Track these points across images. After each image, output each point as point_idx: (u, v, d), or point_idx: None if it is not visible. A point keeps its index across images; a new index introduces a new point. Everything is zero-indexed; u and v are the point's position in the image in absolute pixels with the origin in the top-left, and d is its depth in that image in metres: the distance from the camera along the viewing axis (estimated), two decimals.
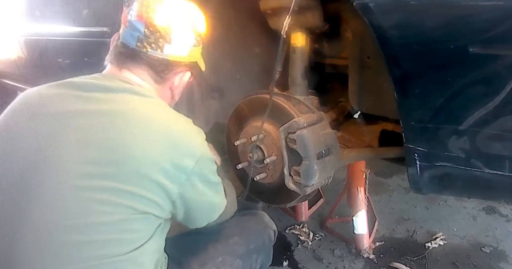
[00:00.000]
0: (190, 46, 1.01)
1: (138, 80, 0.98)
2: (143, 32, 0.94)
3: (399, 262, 1.75)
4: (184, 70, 1.04)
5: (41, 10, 2.13)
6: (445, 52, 0.87)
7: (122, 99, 0.90)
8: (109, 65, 1.01)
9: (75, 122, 0.85)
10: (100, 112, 0.86)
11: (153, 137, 0.86)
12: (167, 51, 0.97)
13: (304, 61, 1.33)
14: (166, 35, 0.95)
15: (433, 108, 0.94)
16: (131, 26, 0.95)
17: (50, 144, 0.84)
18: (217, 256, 1.08)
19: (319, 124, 1.19)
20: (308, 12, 1.24)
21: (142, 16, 0.94)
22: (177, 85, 1.06)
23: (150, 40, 0.94)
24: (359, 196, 1.79)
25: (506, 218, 2.11)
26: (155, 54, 0.96)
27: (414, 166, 1.04)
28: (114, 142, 0.83)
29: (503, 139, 0.89)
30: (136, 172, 0.82)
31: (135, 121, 0.86)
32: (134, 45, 0.95)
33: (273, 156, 1.26)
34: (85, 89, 0.90)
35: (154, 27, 0.94)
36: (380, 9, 0.89)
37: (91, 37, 1.72)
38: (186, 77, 1.06)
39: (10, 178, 0.83)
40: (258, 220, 1.27)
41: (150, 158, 0.84)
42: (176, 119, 0.94)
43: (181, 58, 1.00)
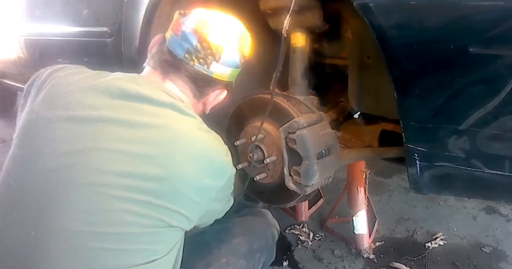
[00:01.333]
0: (233, 67, 1.02)
1: (180, 93, 0.98)
2: (195, 46, 0.94)
3: (399, 262, 1.75)
4: (221, 88, 1.06)
5: (41, 10, 2.13)
6: (445, 52, 0.87)
7: (167, 115, 0.89)
8: (149, 68, 1.00)
9: (120, 131, 0.84)
10: (148, 125, 0.85)
11: (194, 157, 0.87)
12: (213, 69, 0.97)
13: (304, 61, 1.33)
14: (216, 54, 0.96)
15: (433, 108, 0.94)
16: (183, 37, 0.94)
17: (89, 149, 0.82)
18: (221, 257, 1.08)
19: (319, 124, 1.19)
20: (308, 12, 1.24)
21: (198, 30, 0.94)
22: (211, 101, 1.07)
23: (199, 55, 0.95)
24: (359, 196, 1.79)
25: (506, 218, 2.11)
26: (200, 69, 0.96)
27: (414, 166, 1.04)
28: (160, 159, 0.83)
29: (503, 139, 0.89)
30: (176, 190, 0.84)
31: (180, 140, 0.87)
32: (181, 56, 0.95)
33: (273, 156, 1.26)
34: (128, 96, 0.88)
35: (207, 44, 0.94)
36: (380, 9, 0.89)
37: (91, 37, 1.72)
38: (222, 96, 1.08)
39: (39, 178, 0.82)
40: (262, 219, 1.27)
41: (190, 177, 0.86)
42: (213, 139, 0.95)
43: (223, 76, 1.01)
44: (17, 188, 0.83)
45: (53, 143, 0.83)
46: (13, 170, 0.85)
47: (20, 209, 0.82)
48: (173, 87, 0.97)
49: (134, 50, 1.46)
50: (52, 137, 0.84)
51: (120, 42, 1.53)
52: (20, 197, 0.83)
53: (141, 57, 1.45)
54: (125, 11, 1.48)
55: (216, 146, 0.95)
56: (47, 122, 0.85)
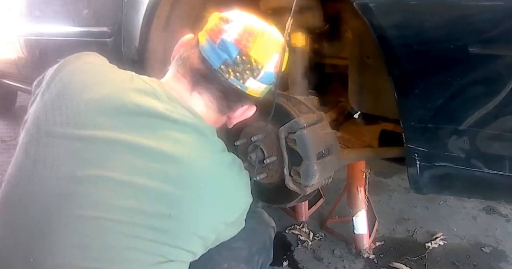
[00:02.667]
0: (268, 83, 0.95)
1: (203, 109, 0.90)
2: (234, 58, 0.86)
3: (399, 262, 1.75)
4: (251, 104, 0.99)
5: (41, 10, 2.13)
6: (445, 52, 0.87)
7: (188, 140, 0.81)
8: (177, 74, 0.90)
9: (132, 159, 0.76)
10: (166, 156, 0.77)
11: (211, 198, 0.82)
12: (248, 84, 0.90)
13: (304, 61, 1.33)
14: (255, 70, 0.88)
15: (433, 108, 0.94)
16: (222, 46, 0.86)
17: (95, 177, 0.75)
18: (222, 263, 1.06)
19: (319, 124, 1.19)
20: (308, 12, 1.24)
21: (241, 42, 0.86)
22: (237, 117, 1.00)
23: (237, 69, 0.87)
24: (359, 196, 1.79)
25: (506, 218, 2.11)
26: (235, 84, 0.88)
27: (414, 166, 1.04)
28: (174, 198, 0.77)
29: (503, 139, 0.89)
30: (186, 230, 0.80)
31: (198, 181, 0.80)
32: (217, 67, 0.86)
33: (273, 156, 1.26)
34: (147, 115, 0.79)
35: (248, 58, 0.87)
36: (380, 9, 0.89)
37: (91, 37, 1.72)
38: (250, 112, 1.01)
39: (37, 204, 0.76)
40: (259, 219, 1.26)
41: (203, 218, 0.82)
42: (232, 171, 0.89)
43: (256, 93, 0.94)
44: (13, 208, 0.78)
45: (56, 163, 0.76)
46: (14, 186, 0.80)
47: (16, 231, 0.77)
48: (199, 101, 0.90)
49: (134, 50, 1.46)
50: (55, 155, 0.77)
51: (120, 42, 1.53)
52: (15, 219, 0.78)
53: (141, 57, 1.45)
54: (125, 11, 1.47)
55: (235, 180, 0.89)
56: (52, 137, 0.78)
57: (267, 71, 0.90)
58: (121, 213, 0.75)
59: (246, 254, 1.13)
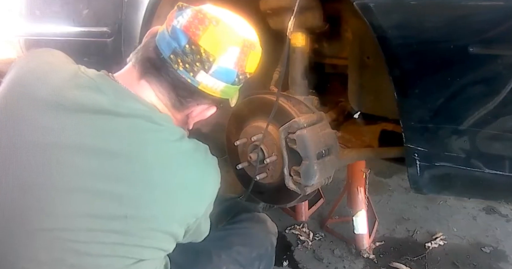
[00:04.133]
0: (228, 83, 0.85)
1: (154, 98, 0.83)
2: (183, 47, 0.79)
3: (399, 262, 1.75)
4: (209, 104, 0.90)
5: (41, 10, 2.13)
6: (445, 52, 0.87)
7: (137, 130, 0.77)
8: (130, 66, 0.85)
9: (80, 162, 0.72)
10: (115, 153, 0.73)
11: (170, 190, 0.78)
12: (200, 78, 0.81)
13: (304, 61, 1.33)
14: (206, 62, 0.80)
15: (433, 108, 0.94)
16: (173, 34, 0.80)
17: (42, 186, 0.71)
18: (221, 266, 1.07)
19: (319, 124, 1.19)
20: (308, 12, 1.24)
21: (190, 28, 0.79)
22: (195, 116, 0.91)
23: (186, 59, 0.79)
24: (359, 196, 1.79)
25: (506, 218, 2.11)
26: (184, 76, 0.80)
27: (414, 166, 1.04)
28: (126, 196, 0.74)
29: (503, 139, 0.89)
30: (148, 227, 0.77)
31: (149, 170, 0.76)
32: (166, 56, 0.80)
33: (273, 156, 1.26)
34: (91, 110, 0.74)
35: (197, 47, 0.78)
36: (380, 9, 0.89)
37: (91, 37, 1.72)
38: (209, 112, 0.92)
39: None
40: (261, 226, 1.25)
41: (163, 213, 0.78)
42: (193, 158, 0.83)
43: (212, 91, 0.84)
44: None
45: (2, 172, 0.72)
46: None
47: None
48: (148, 91, 0.82)
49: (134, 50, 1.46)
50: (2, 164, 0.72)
51: (120, 42, 1.53)
52: None
53: None
54: (125, 11, 1.48)
55: (199, 170, 0.84)
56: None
57: (222, 66, 0.81)
58: (76, 221, 0.71)
59: (246, 259, 1.13)
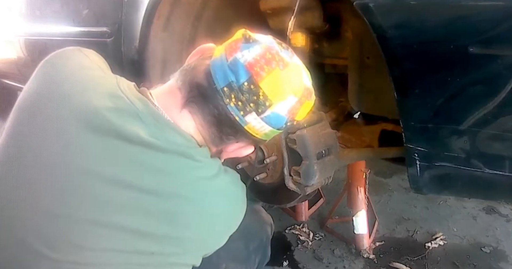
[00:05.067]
0: (275, 128, 0.78)
1: (193, 130, 0.77)
2: (241, 84, 0.72)
3: (399, 262, 1.75)
4: (247, 143, 0.84)
5: (41, 10, 2.13)
6: (445, 52, 0.87)
7: (175, 169, 0.73)
8: (173, 85, 0.78)
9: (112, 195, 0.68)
10: (143, 190, 0.69)
11: (200, 230, 0.78)
12: (249, 119, 0.75)
13: (304, 61, 1.33)
14: (261, 105, 0.73)
15: (433, 108, 0.94)
16: (233, 66, 0.72)
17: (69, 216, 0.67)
18: (221, 263, 1.06)
19: (319, 124, 1.19)
20: (308, 12, 1.24)
21: (254, 67, 0.72)
22: (230, 152, 0.86)
23: (240, 96, 0.72)
24: (359, 196, 1.79)
25: (506, 218, 2.11)
26: (233, 113, 0.74)
27: (414, 166, 1.04)
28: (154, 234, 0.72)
29: (503, 139, 0.89)
30: (172, 262, 0.77)
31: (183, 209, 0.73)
32: (220, 87, 0.72)
33: (273, 156, 1.26)
34: (126, 139, 0.69)
35: (257, 89, 0.72)
36: (380, 9, 0.89)
37: (91, 37, 1.71)
38: (246, 151, 0.86)
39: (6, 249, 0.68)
40: (256, 216, 1.25)
41: (192, 251, 0.81)
42: (226, 198, 0.81)
43: (256, 132, 0.78)
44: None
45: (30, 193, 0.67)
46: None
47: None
48: (189, 121, 0.76)
49: (134, 50, 1.46)
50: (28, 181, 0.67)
51: (120, 42, 1.53)
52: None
53: (141, 57, 1.45)
54: (125, 11, 1.47)
55: (230, 211, 0.83)
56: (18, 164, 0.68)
57: (275, 112, 0.75)
58: (102, 256, 0.69)
59: (244, 254, 1.13)
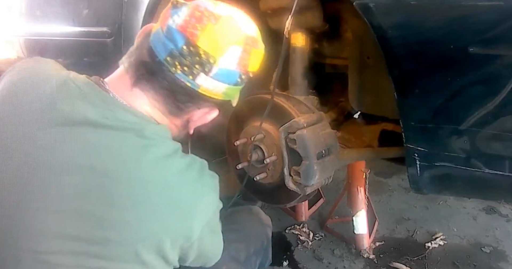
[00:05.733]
0: (230, 84, 0.79)
1: (148, 107, 0.77)
2: (180, 48, 0.72)
3: (399, 262, 1.75)
4: (211, 107, 0.84)
5: (41, 10, 2.13)
6: (445, 52, 0.87)
7: (121, 144, 0.71)
8: (122, 71, 0.79)
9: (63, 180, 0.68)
10: (95, 171, 0.68)
11: (155, 208, 0.72)
12: (200, 82, 0.75)
13: (304, 61, 1.33)
14: (206, 64, 0.74)
15: (433, 108, 0.94)
16: (168, 33, 0.73)
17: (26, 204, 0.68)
18: (220, 265, 1.04)
19: (319, 124, 1.19)
20: (308, 12, 1.24)
21: (187, 28, 0.72)
22: (196, 120, 0.86)
23: (184, 61, 0.73)
24: (359, 196, 1.79)
25: (506, 218, 2.11)
26: (183, 80, 0.74)
27: (414, 166, 1.04)
28: (107, 216, 0.69)
29: (503, 139, 0.89)
30: (133, 249, 0.70)
31: (133, 187, 0.70)
32: (162, 58, 0.73)
33: (273, 156, 1.26)
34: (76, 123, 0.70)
35: (196, 48, 0.72)
36: (380, 9, 0.89)
37: (91, 37, 1.72)
38: (211, 116, 0.86)
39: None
40: (256, 219, 1.25)
41: (149, 234, 0.72)
42: (185, 179, 0.76)
43: (214, 94, 0.78)
44: None
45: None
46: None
47: None
48: (142, 99, 0.77)
49: None
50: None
51: (120, 42, 1.53)
52: None
53: None
54: (125, 11, 1.47)
55: (192, 190, 0.76)
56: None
57: (223, 68, 0.75)
58: (62, 244, 0.68)
59: (244, 256, 1.12)
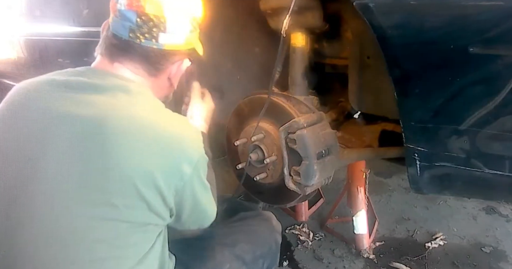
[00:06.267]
0: (186, 32, 0.94)
1: (130, 74, 0.91)
2: (135, 22, 0.87)
3: (399, 262, 1.75)
4: (181, 58, 0.98)
5: (41, 10, 2.13)
6: (445, 52, 0.87)
7: (111, 100, 0.83)
8: (99, 57, 0.94)
9: (60, 130, 0.80)
10: (86, 118, 0.80)
11: (146, 145, 0.80)
12: (163, 41, 0.90)
13: (304, 61, 1.33)
14: (160, 24, 0.88)
15: (433, 108, 0.94)
16: (121, 16, 0.88)
17: (35, 153, 0.79)
18: (224, 263, 1.07)
19: (319, 124, 1.19)
20: (308, 12, 1.24)
21: (133, 4, 0.87)
22: (175, 74, 1.00)
23: (143, 30, 0.87)
24: (359, 196, 1.79)
25: (506, 218, 2.11)
26: (149, 45, 0.89)
27: (414, 166, 1.04)
28: (103, 154, 0.78)
29: (503, 139, 0.89)
30: (130, 184, 0.78)
31: (126, 128, 0.80)
32: (126, 37, 0.88)
33: (273, 156, 1.26)
34: (75, 88, 0.85)
35: (147, 16, 0.87)
36: (380, 9, 0.89)
37: (91, 37, 1.71)
38: (184, 65, 1.01)
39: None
40: (266, 224, 1.25)
41: (144, 169, 0.79)
42: (170, 121, 0.88)
43: (178, 46, 0.93)
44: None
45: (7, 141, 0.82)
46: None
47: None
48: (123, 70, 0.91)
49: None
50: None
51: None
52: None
53: None
54: None
55: (176, 128, 0.87)
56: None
57: (175, 21, 0.90)
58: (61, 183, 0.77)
59: (250, 257, 1.13)
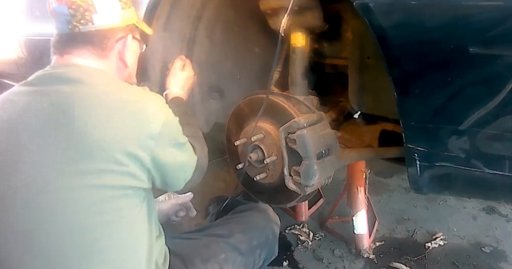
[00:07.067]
0: (119, 9, 0.99)
1: (82, 61, 0.96)
2: (68, 13, 0.93)
3: (399, 262, 1.75)
4: (124, 35, 1.02)
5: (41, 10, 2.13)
6: (445, 52, 0.87)
7: (70, 83, 0.89)
8: (53, 57, 0.99)
9: (32, 121, 0.85)
10: (51, 105, 0.85)
11: (112, 113, 0.85)
12: (98, 22, 0.96)
13: (304, 61, 1.33)
14: (89, 7, 0.94)
15: (433, 108, 0.94)
16: (56, 14, 0.94)
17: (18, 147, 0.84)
18: (220, 253, 1.09)
19: (319, 124, 1.19)
20: (308, 12, 1.24)
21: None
22: (124, 52, 1.02)
23: (77, 18, 0.94)
24: (359, 196, 1.79)
25: (506, 218, 2.11)
26: (88, 29, 0.95)
27: (414, 166, 1.04)
28: (71, 130, 0.83)
29: (503, 139, 0.89)
30: (101, 150, 0.82)
31: (88, 103, 0.85)
32: (67, 30, 0.95)
33: (273, 156, 1.26)
34: (36, 84, 0.91)
35: (75, 4, 0.93)
36: (380, 9, 0.89)
37: None
38: (129, 41, 1.03)
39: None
40: (262, 214, 1.27)
41: (112, 135, 0.84)
42: (131, 90, 0.94)
43: (114, 24, 0.99)
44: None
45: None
46: None
47: None
48: (73, 58, 0.96)
49: None
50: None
51: None
52: None
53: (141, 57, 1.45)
54: None
55: (134, 94, 0.92)
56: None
57: (100, 1, 0.95)
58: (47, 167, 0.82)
59: (246, 247, 1.14)
